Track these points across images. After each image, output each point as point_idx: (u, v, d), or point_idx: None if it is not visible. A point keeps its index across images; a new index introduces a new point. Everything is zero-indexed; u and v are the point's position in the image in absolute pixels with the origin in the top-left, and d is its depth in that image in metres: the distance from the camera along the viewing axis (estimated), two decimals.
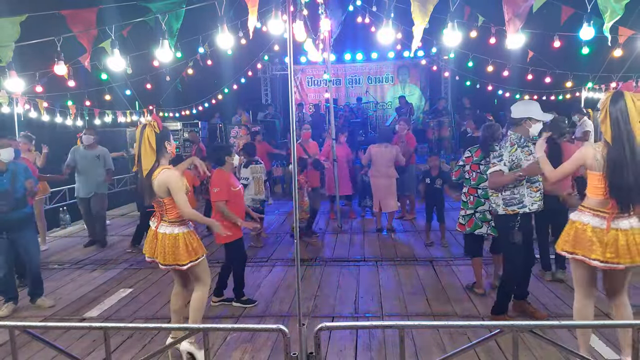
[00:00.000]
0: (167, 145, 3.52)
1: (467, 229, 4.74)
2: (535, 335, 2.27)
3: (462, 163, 4.86)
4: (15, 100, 8.23)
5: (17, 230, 4.69)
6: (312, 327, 2.42)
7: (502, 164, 3.76)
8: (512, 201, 3.82)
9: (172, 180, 3.41)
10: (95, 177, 7.24)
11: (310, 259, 6.17)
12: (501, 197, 3.86)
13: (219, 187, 4.45)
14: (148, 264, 6.25)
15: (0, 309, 4.72)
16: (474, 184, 4.70)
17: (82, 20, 4.62)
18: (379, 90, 16.27)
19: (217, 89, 14.12)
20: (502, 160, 3.77)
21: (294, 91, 3.10)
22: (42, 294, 4.96)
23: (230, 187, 4.52)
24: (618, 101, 2.91)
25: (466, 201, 4.77)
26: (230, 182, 4.56)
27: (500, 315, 4.07)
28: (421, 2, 3.39)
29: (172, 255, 3.47)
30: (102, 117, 11.42)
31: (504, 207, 3.85)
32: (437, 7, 3.42)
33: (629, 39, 6.01)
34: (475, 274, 4.86)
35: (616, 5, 3.40)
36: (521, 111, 3.82)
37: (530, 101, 4.03)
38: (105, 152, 7.41)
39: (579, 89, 12.09)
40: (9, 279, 4.74)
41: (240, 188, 4.71)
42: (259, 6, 3.78)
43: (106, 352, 2.36)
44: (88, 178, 7.19)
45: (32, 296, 4.92)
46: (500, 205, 3.87)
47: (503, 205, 3.86)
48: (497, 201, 3.92)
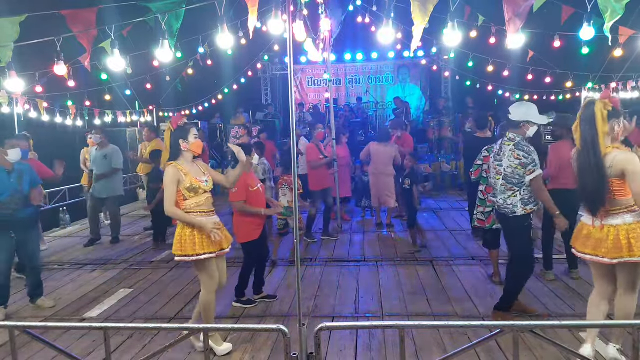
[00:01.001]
0: (183, 143, 3.53)
1: (487, 225, 4.91)
2: (535, 335, 2.26)
3: (480, 162, 4.94)
4: (15, 100, 8.23)
5: (23, 229, 4.70)
6: (313, 327, 2.42)
7: (538, 168, 3.80)
8: (530, 200, 3.86)
9: (165, 175, 3.48)
10: (103, 178, 7.34)
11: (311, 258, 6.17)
12: (519, 198, 3.86)
13: (237, 187, 4.46)
14: (148, 264, 6.28)
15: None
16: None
17: (82, 20, 4.62)
18: (379, 90, 16.27)
19: (217, 89, 14.12)
20: (536, 165, 3.79)
21: (294, 91, 3.10)
22: (42, 294, 4.96)
23: (248, 187, 4.52)
24: (588, 109, 3.05)
25: (484, 199, 4.88)
26: (249, 182, 4.55)
27: (506, 312, 4.08)
28: (421, 2, 3.39)
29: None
30: (102, 117, 11.42)
31: (523, 206, 3.86)
32: (437, 7, 3.42)
33: (630, 38, 6.01)
34: (494, 265, 5.12)
35: (616, 5, 3.40)
36: (521, 114, 3.85)
37: (529, 104, 4.05)
38: (113, 151, 7.47)
39: (579, 89, 12.08)
40: (6, 283, 4.68)
41: (260, 187, 4.68)
42: (259, 6, 3.78)
43: (106, 352, 2.36)
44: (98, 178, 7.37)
45: (32, 297, 4.92)
46: (519, 205, 3.86)
47: (522, 205, 3.86)
48: (513, 202, 3.88)
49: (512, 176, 3.87)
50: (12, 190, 4.56)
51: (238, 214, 4.65)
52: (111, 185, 7.45)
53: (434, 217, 8.61)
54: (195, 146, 3.59)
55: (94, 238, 7.50)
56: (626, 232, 2.98)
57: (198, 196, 3.54)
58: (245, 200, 4.51)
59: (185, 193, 3.50)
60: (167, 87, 12.27)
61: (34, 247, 4.88)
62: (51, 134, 10.21)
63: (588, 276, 4.86)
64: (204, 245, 3.50)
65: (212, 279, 3.63)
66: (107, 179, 7.38)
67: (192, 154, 3.61)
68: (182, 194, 3.50)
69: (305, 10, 5.15)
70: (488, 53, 10.26)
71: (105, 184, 7.39)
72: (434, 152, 12.59)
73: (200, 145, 3.62)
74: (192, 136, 3.57)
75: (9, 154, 4.60)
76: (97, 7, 4.73)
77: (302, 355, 2.49)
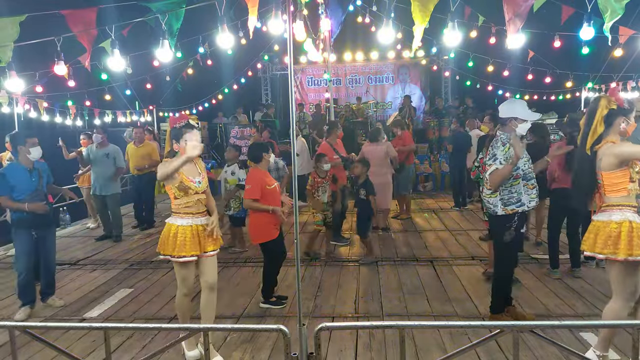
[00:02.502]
0: (175, 144, 3.47)
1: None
2: (535, 335, 2.26)
3: (478, 164, 4.97)
4: (15, 100, 8.24)
5: (43, 227, 4.72)
6: (312, 327, 2.42)
7: (497, 163, 3.76)
8: (511, 200, 3.82)
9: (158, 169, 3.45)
10: (105, 175, 7.41)
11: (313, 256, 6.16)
12: (499, 197, 3.85)
13: (252, 185, 4.47)
14: (148, 264, 6.28)
15: (17, 313, 4.62)
16: None
17: (82, 20, 4.62)
18: (379, 90, 16.27)
19: (217, 89, 14.13)
20: (496, 160, 3.77)
21: (294, 91, 3.10)
22: (53, 293, 4.96)
23: (265, 185, 4.50)
24: (594, 103, 3.15)
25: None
26: (266, 180, 4.54)
27: (499, 314, 4.07)
28: (421, 2, 3.40)
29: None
30: (102, 117, 11.43)
31: (503, 207, 3.84)
32: (437, 7, 3.43)
33: (630, 38, 6.02)
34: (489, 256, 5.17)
35: (616, 4, 3.40)
36: (506, 111, 3.86)
37: (515, 100, 4.06)
38: (114, 151, 7.51)
39: (579, 89, 12.09)
40: (30, 281, 4.69)
41: (276, 185, 4.65)
42: (259, 6, 3.79)
43: (106, 352, 2.36)
44: (98, 176, 7.46)
45: (43, 295, 4.91)
46: (499, 205, 3.85)
47: (502, 205, 3.84)
48: (494, 202, 3.88)
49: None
50: (33, 189, 4.58)
51: (254, 214, 4.61)
52: (111, 184, 7.49)
53: (434, 217, 8.61)
54: (184, 150, 3.35)
55: (106, 234, 7.70)
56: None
57: (188, 197, 3.46)
58: (258, 198, 4.47)
59: (175, 192, 3.45)
60: (167, 87, 12.29)
61: (51, 245, 4.89)
62: (51, 134, 10.20)
63: (589, 276, 4.87)
64: (185, 248, 3.43)
65: (183, 282, 3.60)
66: (105, 177, 7.38)
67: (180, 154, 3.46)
68: (173, 192, 3.46)
69: (305, 10, 5.16)
70: (488, 53, 10.27)
71: (106, 182, 7.42)
72: (434, 152, 12.60)
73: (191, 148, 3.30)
74: (183, 140, 3.40)
75: (31, 152, 4.59)
76: (97, 7, 4.74)
77: (302, 355, 2.49)
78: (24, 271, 4.61)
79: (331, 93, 8.50)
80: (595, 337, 3.67)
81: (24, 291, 4.65)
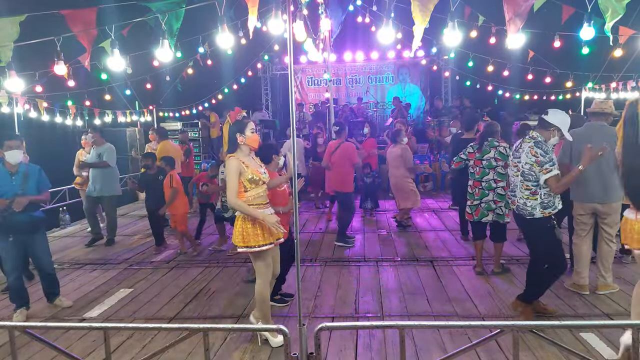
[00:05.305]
0: (240, 137, 3.63)
1: (475, 218, 5.28)
2: (535, 335, 2.26)
3: (465, 157, 5.38)
4: (15, 100, 8.24)
5: (26, 233, 4.58)
6: (312, 327, 2.42)
7: (556, 168, 3.84)
8: (549, 203, 3.91)
9: (228, 166, 3.59)
10: (100, 176, 7.29)
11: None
12: (539, 201, 3.91)
13: None
14: (148, 264, 6.28)
15: (14, 316, 4.59)
16: (478, 177, 5.25)
17: (82, 20, 4.62)
18: (379, 90, 16.27)
19: (217, 89, 14.13)
20: (554, 165, 3.83)
21: (294, 91, 3.10)
22: (58, 293, 4.93)
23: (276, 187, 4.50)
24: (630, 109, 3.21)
25: (472, 193, 5.30)
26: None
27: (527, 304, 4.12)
28: (421, 2, 3.39)
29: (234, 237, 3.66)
30: (102, 117, 11.43)
31: (542, 210, 3.90)
32: (437, 6, 3.42)
33: (630, 38, 6.01)
34: (477, 255, 5.47)
35: (617, 4, 3.40)
36: (558, 120, 3.91)
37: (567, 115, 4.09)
38: (105, 149, 7.33)
39: (579, 89, 12.09)
40: (19, 285, 4.63)
41: (286, 187, 4.62)
42: (259, 6, 3.79)
43: (106, 352, 2.36)
44: (94, 177, 7.34)
45: (48, 296, 4.89)
46: (537, 208, 3.91)
47: (541, 209, 3.90)
48: (533, 204, 3.93)
49: (529, 173, 3.91)
50: (14, 193, 4.47)
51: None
52: (107, 185, 7.32)
53: (434, 217, 8.61)
54: (252, 140, 3.67)
55: (95, 237, 7.45)
56: None
57: (257, 187, 3.64)
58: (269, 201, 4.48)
59: (246, 185, 3.59)
60: (167, 87, 12.28)
61: (41, 252, 4.76)
62: (51, 134, 10.21)
63: (590, 277, 4.86)
64: (265, 237, 3.61)
65: (268, 268, 3.75)
66: (103, 178, 7.26)
67: (248, 147, 3.70)
68: (243, 185, 3.59)
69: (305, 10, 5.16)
70: (488, 53, 10.27)
71: (101, 183, 7.27)
72: (433, 152, 12.59)
73: (256, 139, 3.71)
74: (249, 130, 3.65)
75: (6, 156, 4.49)
76: (97, 6, 4.73)
77: (302, 355, 2.49)
78: (10, 275, 4.55)
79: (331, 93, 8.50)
80: (595, 337, 3.68)
81: (15, 294, 4.63)
